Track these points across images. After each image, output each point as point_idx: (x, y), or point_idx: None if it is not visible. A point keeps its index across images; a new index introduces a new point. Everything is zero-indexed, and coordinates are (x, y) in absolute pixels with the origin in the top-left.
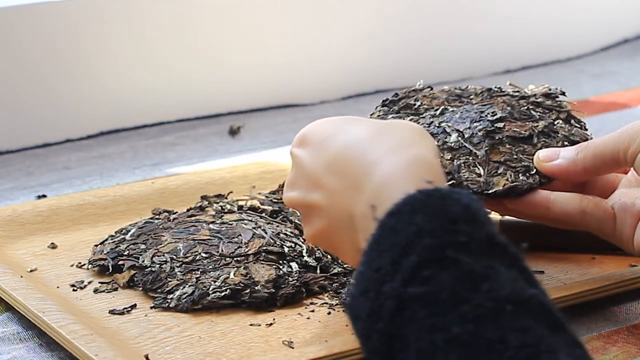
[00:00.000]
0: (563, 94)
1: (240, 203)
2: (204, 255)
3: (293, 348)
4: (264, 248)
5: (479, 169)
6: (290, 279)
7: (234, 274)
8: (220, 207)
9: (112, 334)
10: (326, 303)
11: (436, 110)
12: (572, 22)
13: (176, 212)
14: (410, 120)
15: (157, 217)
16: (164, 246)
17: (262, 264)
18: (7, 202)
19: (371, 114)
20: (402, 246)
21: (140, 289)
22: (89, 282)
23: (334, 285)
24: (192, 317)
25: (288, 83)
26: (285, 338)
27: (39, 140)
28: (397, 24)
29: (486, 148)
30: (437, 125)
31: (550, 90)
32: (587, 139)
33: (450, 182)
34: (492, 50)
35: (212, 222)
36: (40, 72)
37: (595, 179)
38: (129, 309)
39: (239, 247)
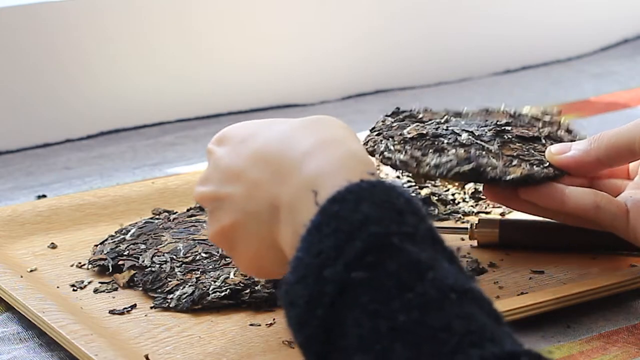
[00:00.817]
0: (559, 113)
1: None
2: (204, 255)
3: (293, 348)
4: None
5: (494, 159)
6: None
7: (234, 274)
8: None
9: (112, 334)
10: None
11: (441, 119)
12: (572, 22)
13: (176, 212)
14: (416, 127)
15: (157, 217)
16: (164, 246)
17: None
18: (7, 202)
19: (376, 123)
20: (346, 232)
21: (140, 289)
22: (89, 282)
23: None
24: (192, 317)
25: (288, 83)
26: (285, 338)
27: (39, 140)
28: (397, 24)
29: (498, 144)
30: (444, 128)
31: (546, 111)
32: None
33: (470, 167)
34: (492, 50)
35: None
36: (41, 72)
37: (601, 183)
38: (129, 309)
39: None
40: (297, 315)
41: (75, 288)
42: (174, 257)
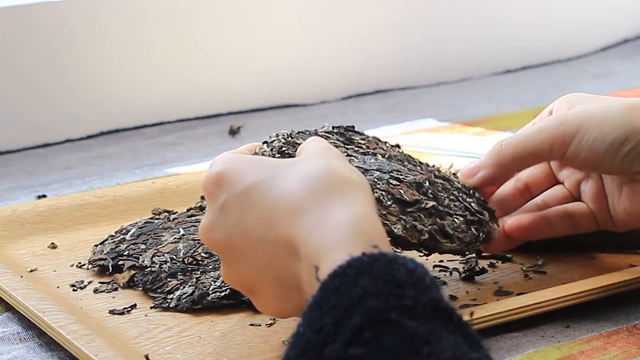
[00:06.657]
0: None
1: None
2: (204, 255)
3: None
4: None
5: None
6: None
7: None
8: None
9: (112, 334)
10: None
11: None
12: (572, 22)
13: (176, 212)
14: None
15: (157, 217)
16: (164, 246)
17: None
18: (7, 202)
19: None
20: (345, 308)
21: (140, 289)
22: (89, 282)
23: None
24: (192, 317)
25: (288, 83)
26: (285, 338)
27: (39, 140)
28: (398, 25)
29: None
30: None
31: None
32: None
33: None
34: (492, 51)
35: None
36: (41, 72)
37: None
38: (129, 309)
39: None
40: None
41: (75, 288)
42: (174, 257)
